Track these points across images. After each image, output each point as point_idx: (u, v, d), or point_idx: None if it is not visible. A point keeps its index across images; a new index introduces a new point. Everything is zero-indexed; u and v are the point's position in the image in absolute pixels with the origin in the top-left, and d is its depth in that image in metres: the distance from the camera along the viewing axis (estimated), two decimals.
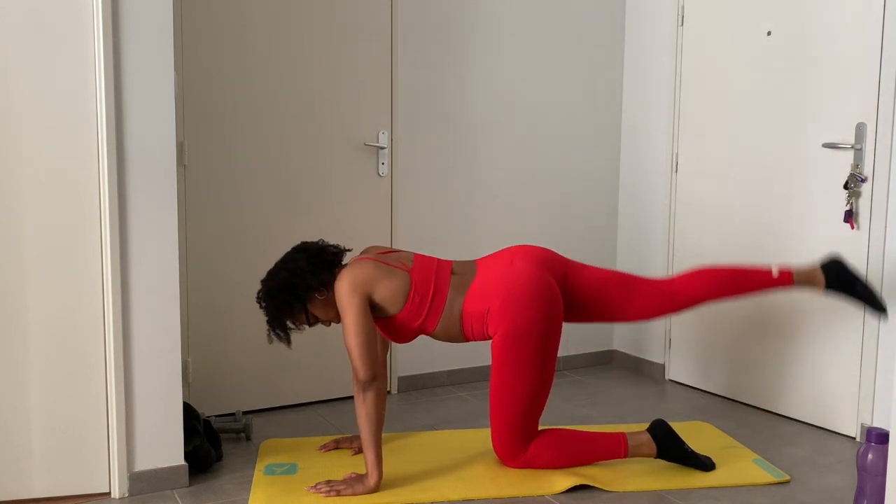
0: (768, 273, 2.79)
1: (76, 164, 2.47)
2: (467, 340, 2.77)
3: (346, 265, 2.70)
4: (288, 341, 2.69)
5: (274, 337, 2.68)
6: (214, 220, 3.33)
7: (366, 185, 3.64)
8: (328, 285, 2.67)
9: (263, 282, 2.70)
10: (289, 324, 2.69)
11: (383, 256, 2.73)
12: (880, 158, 3.07)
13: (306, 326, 2.73)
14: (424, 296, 2.67)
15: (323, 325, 2.86)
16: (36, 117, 2.42)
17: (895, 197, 3.03)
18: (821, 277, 2.81)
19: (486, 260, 2.80)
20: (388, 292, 2.64)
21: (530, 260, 2.73)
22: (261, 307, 2.69)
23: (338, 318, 2.73)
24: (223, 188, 3.34)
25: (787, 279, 2.79)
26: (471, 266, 2.80)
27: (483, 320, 2.68)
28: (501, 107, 3.98)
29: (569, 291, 2.78)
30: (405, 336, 2.74)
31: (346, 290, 2.59)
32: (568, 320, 2.84)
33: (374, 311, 2.66)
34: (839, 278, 2.79)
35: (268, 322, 2.67)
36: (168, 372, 2.63)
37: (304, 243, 2.75)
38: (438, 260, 2.79)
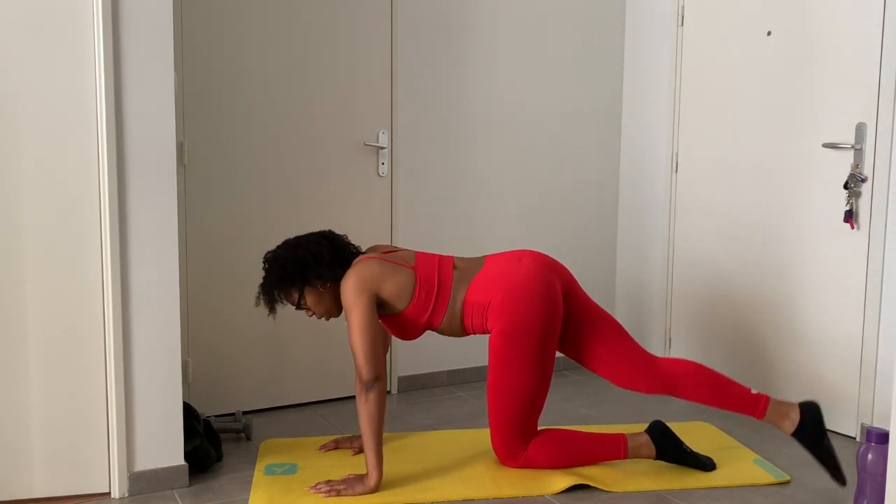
0: (747, 390, 2.72)
1: (76, 163, 2.47)
2: (467, 334, 2.77)
3: (351, 264, 2.71)
4: (271, 310, 2.69)
5: (261, 301, 2.69)
6: (214, 220, 3.33)
7: (366, 185, 3.64)
8: (334, 279, 2.68)
9: (280, 248, 2.70)
10: (279, 294, 2.69)
11: (387, 255, 2.74)
12: (880, 158, 3.07)
13: (292, 306, 2.73)
14: (430, 290, 2.68)
15: (305, 313, 2.86)
16: (36, 117, 2.42)
17: (895, 197, 3.03)
18: (795, 417, 2.66)
19: (495, 256, 2.82)
20: (394, 289, 2.65)
21: (538, 261, 2.74)
22: (263, 268, 2.70)
23: (325, 314, 2.74)
24: (223, 188, 3.34)
25: (760, 403, 2.69)
26: (477, 261, 2.80)
27: (483, 313, 2.69)
28: (501, 107, 3.98)
29: (567, 306, 2.78)
30: (413, 332, 2.75)
31: (352, 289, 2.59)
32: None
33: (381, 308, 2.67)
34: (812, 430, 2.65)
35: (261, 286, 2.68)
36: (168, 372, 2.63)
37: (331, 232, 2.76)
38: (440, 256, 2.80)
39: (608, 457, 2.76)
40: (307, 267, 2.64)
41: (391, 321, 2.73)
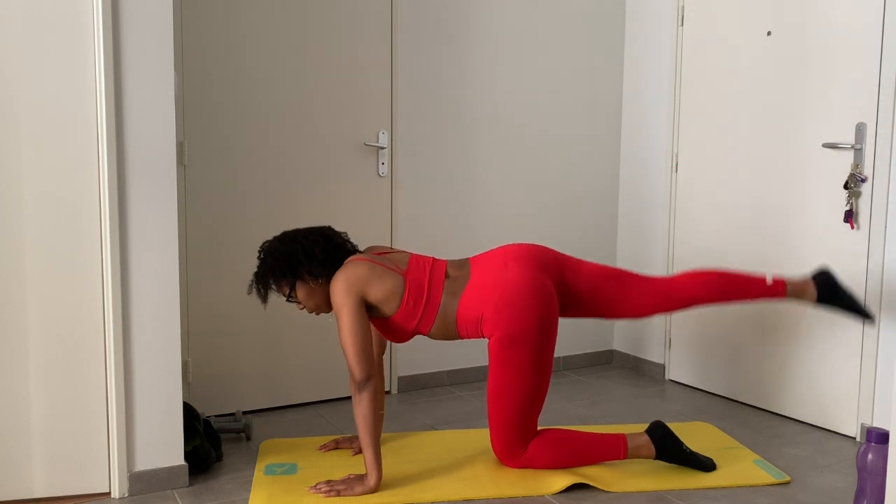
0: (762, 281, 2.82)
1: (76, 164, 2.47)
2: (462, 339, 2.78)
3: (343, 264, 2.71)
4: (264, 299, 2.70)
5: (253, 289, 2.71)
6: (214, 220, 3.33)
7: (366, 185, 3.64)
8: (325, 277, 2.68)
9: (276, 239, 2.71)
10: (271, 284, 2.70)
11: (379, 258, 2.73)
12: (880, 158, 3.07)
13: (284, 297, 2.73)
14: (418, 300, 2.67)
15: (296, 305, 2.88)
16: (36, 117, 2.42)
17: (895, 197, 3.03)
18: (812, 290, 2.84)
19: (479, 260, 2.78)
20: (381, 293, 2.64)
21: (524, 262, 2.72)
22: (258, 257, 2.72)
23: (315, 309, 2.74)
24: (223, 188, 3.34)
25: (779, 288, 2.82)
26: (465, 267, 2.79)
27: (477, 325, 2.68)
28: (501, 107, 3.98)
29: (565, 288, 2.78)
30: (402, 336, 2.75)
31: (340, 290, 2.59)
32: (564, 315, 2.85)
33: (369, 311, 2.67)
34: (830, 291, 2.83)
35: (255, 274, 2.70)
36: (168, 372, 2.63)
37: (330, 229, 2.77)
38: (433, 261, 2.78)
39: (608, 457, 2.76)
40: (298, 262, 2.65)
41: (380, 324, 2.73)
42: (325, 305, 2.74)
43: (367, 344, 2.59)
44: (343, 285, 2.60)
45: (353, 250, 2.77)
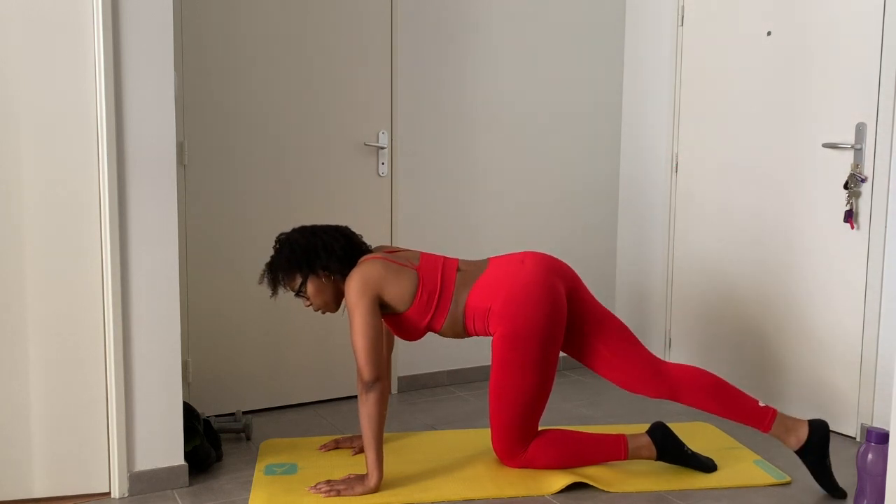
0: (755, 402, 2.69)
1: (76, 164, 2.47)
2: (470, 335, 2.78)
3: (357, 263, 2.71)
4: (273, 290, 2.70)
5: (265, 279, 2.70)
6: (214, 220, 3.33)
7: (366, 185, 3.64)
8: (340, 275, 2.69)
9: (296, 231, 2.71)
10: (283, 276, 2.70)
11: (391, 255, 2.74)
12: (880, 158, 3.07)
13: (291, 292, 2.71)
14: (432, 294, 2.68)
15: (303, 302, 2.87)
16: (36, 117, 2.42)
17: (895, 197, 3.03)
18: (804, 433, 2.63)
19: (498, 258, 2.81)
20: (397, 291, 2.65)
21: (540, 264, 2.73)
22: (274, 247, 2.72)
23: (322, 306, 2.74)
24: (223, 188, 3.34)
25: (768, 415, 2.66)
26: (481, 263, 2.80)
27: (485, 317, 2.69)
28: (501, 107, 3.98)
29: (571, 307, 2.77)
30: (414, 334, 2.75)
31: (355, 289, 2.59)
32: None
33: (383, 308, 2.67)
34: (819, 450, 2.62)
35: (268, 265, 2.70)
36: (168, 372, 2.63)
37: (348, 229, 2.78)
38: (444, 258, 2.80)
39: (609, 458, 2.76)
40: (317, 256, 2.66)
41: (393, 321, 2.73)
42: (333, 304, 2.75)
43: (379, 344, 2.59)
44: (358, 284, 2.60)
45: (366, 251, 2.77)
